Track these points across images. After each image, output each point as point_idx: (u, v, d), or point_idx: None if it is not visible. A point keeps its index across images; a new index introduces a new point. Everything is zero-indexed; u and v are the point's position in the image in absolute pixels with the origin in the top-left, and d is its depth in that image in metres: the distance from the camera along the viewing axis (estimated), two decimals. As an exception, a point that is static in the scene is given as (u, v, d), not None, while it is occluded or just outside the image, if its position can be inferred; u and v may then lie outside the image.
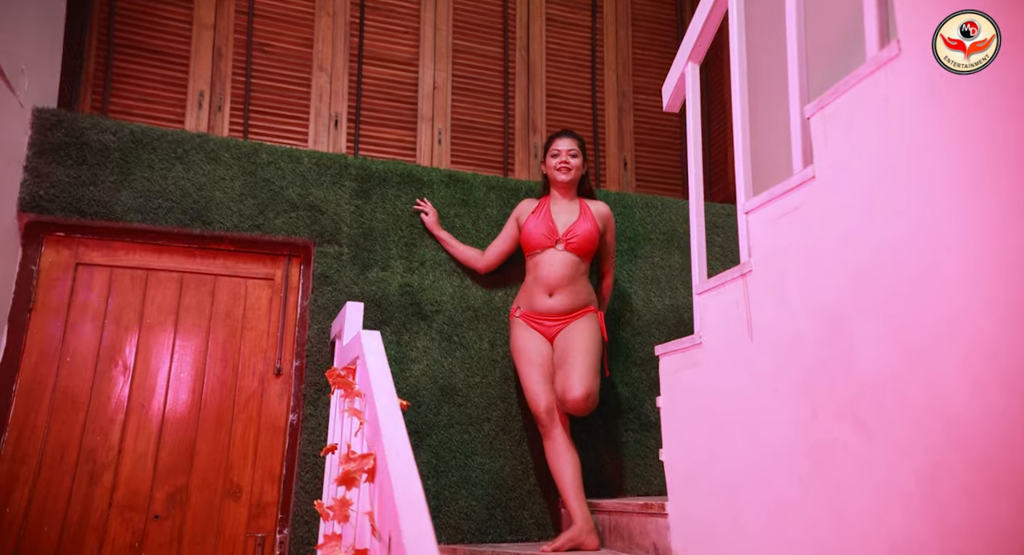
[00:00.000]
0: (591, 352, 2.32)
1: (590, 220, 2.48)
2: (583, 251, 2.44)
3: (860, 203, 1.29)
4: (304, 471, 2.37)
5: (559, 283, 2.41)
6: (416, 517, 1.10)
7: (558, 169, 2.52)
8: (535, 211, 2.53)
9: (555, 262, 2.43)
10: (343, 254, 2.56)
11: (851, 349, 1.29)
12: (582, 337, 2.35)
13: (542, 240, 2.45)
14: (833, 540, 1.31)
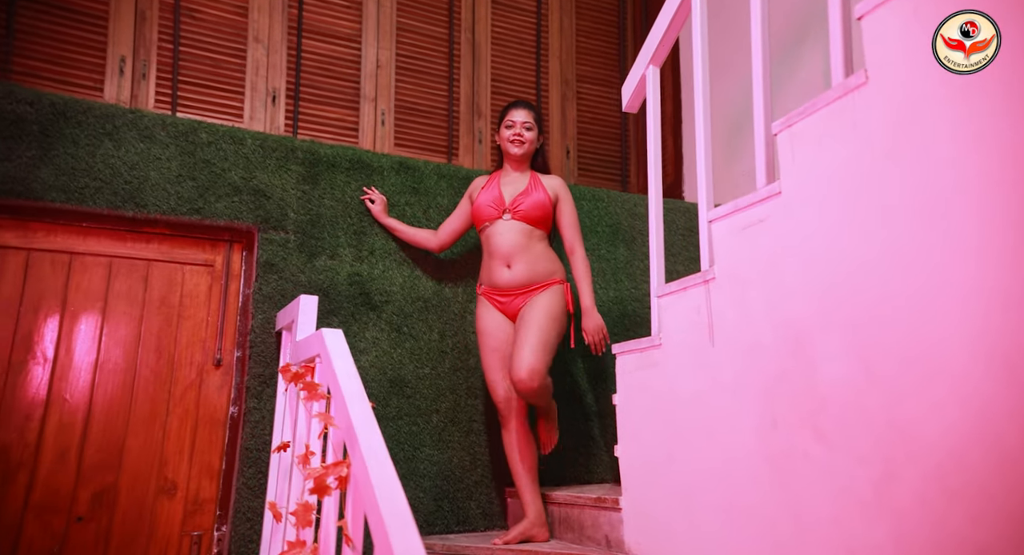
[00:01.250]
0: (544, 328, 2.24)
1: (540, 190, 2.41)
2: (532, 219, 2.36)
3: (826, 222, 1.35)
4: (247, 466, 2.30)
5: (512, 251, 2.35)
6: (404, 530, 1.09)
7: (511, 141, 2.46)
8: (485, 185, 2.49)
9: (505, 232, 2.37)
10: (289, 241, 2.47)
11: (813, 363, 1.36)
12: (536, 313, 2.27)
13: (489, 211, 2.39)
14: (791, 542, 1.39)
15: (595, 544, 2.04)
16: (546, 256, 2.38)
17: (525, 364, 2.17)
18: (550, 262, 2.38)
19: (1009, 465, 0.98)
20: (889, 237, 1.21)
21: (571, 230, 2.43)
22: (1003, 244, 1.01)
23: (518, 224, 2.37)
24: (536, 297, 2.32)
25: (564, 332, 2.34)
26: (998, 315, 1.01)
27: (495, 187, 2.45)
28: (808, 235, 1.39)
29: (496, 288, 2.38)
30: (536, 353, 2.19)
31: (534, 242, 2.37)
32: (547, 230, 2.42)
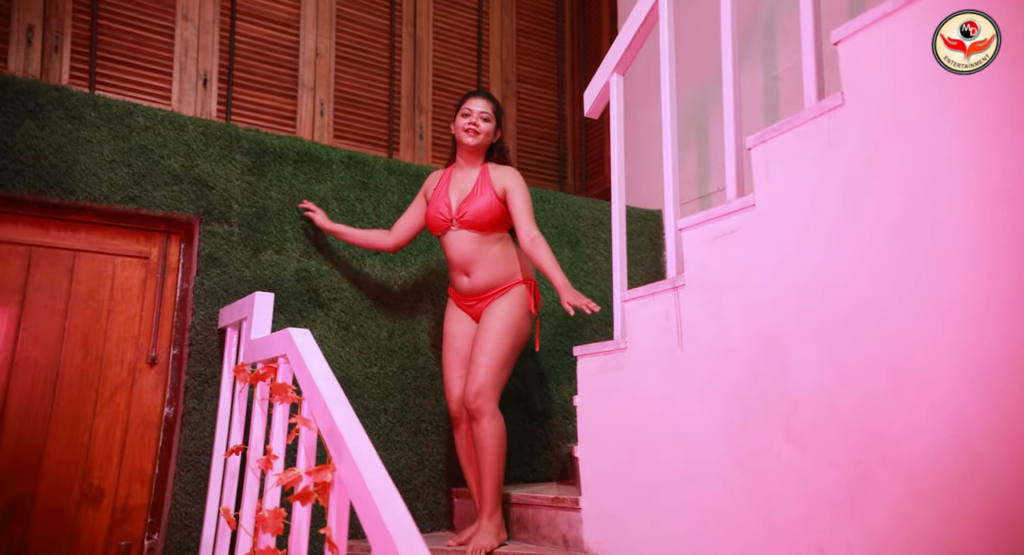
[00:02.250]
0: (500, 342, 2.19)
1: (487, 189, 2.27)
2: (481, 225, 2.25)
3: (800, 234, 1.43)
4: (185, 470, 2.18)
5: (467, 261, 2.27)
6: (409, 538, 1.08)
7: (466, 130, 2.30)
8: (438, 186, 2.37)
9: (456, 242, 2.28)
10: (233, 234, 2.36)
11: (786, 368, 1.44)
12: (494, 323, 2.21)
13: (439, 221, 2.30)
14: (760, 542, 1.46)
15: (551, 544, 2.07)
16: (505, 258, 2.30)
17: (472, 388, 2.15)
18: (509, 264, 2.31)
19: (979, 469, 1.08)
20: (861, 250, 1.30)
21: (523, 220, 2.23)
22: (978, 258, 1.11)
23: (467, 234, 2.27)
24: (496, 302, 2.26)
25: (526, 337, 2.30)
26: (971, 326, 1.11)
27: (443, 191, 2.34)
28: (782, 246, 1.46)
29: (459, 293, 2.35)
30: (488, 374, 2.16)
31: (488, 247, 2.29)
32: (503, 229, 2.33)
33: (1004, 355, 1.05)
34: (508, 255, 2.32)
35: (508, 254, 2.32)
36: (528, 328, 2.29)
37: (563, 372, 2.85)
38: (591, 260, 3.04)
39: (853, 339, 1.31)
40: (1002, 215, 1.07)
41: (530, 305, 2.30)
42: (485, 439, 2.14)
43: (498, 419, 2.15)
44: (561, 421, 2.80)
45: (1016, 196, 1.06)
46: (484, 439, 2.14)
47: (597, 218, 3.10)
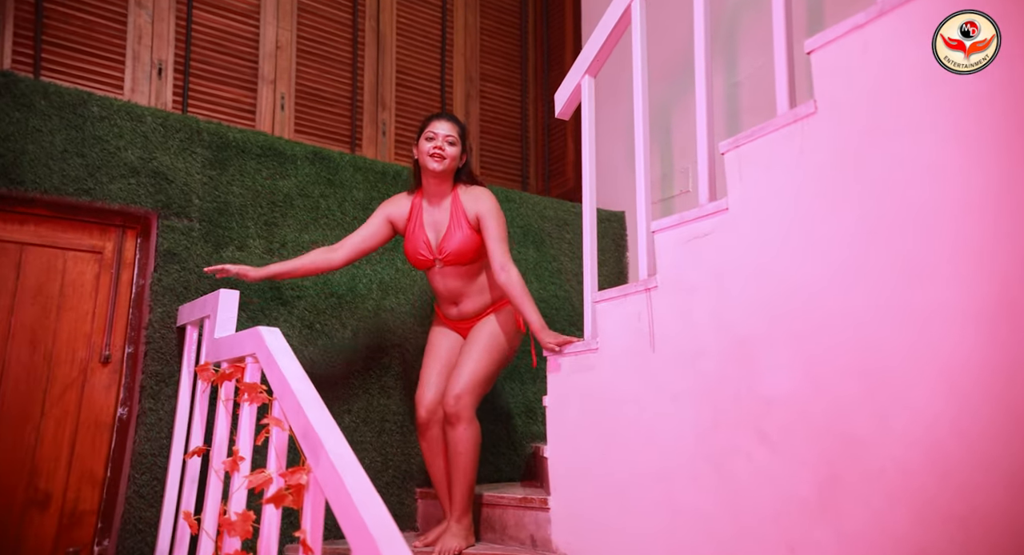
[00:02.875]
0: (486, 356, 2.16)
1: (462, 223, 2.19)
2: (465, 260, 2.20)
3: (773, 239, 1.46)
4: (139, 473, 2.10)
5: (455, 294, 2.25)
6: (392, 541, 1.06)
7: (431, 155, 2.17)
8: (409, 218, 2.25)
9: (442, 278, 2.24)
10: (193, 229, 2.29)
11: (756, 368, 1.47)
12: (483, 337, 2.19)
13: (421, 261, 2.23)
14: (730, 540, 1.49)
15: (519, 544, 2.07)
16: (493, 283, 2.26)
17: (453, 391, 2.11)
18: (494, 288, 2.27)
19: (950, 472, 1.12)
20: (836, 257, 1.34)
21: (495, 248, 2.15)
22: (953, 266, 1.15)
23: (452, 269, 2.22)
24: (486, 319, 2.24)
25: (512, 356, 2.27)
26: (945, 334, 1.15)
27: (418, 227, 2.23)
28: (755, 251, 1.49)
29: (448, 318, 2.32)
30: (471, 381, 2.12)
31: (475, 277, 2.25)
32: (482, 255, 2.26)
33: (977, 362, 1.10)
34: (492, 282, 2.28)
35: (492, 281, 2.28)
36: (514, 347, 2.27)
37: (527, 372, 2.85)
38: (555, 260, 3.05)
39: (826, 345, 1.34)
40: (977, 222, 1.12)
41: (519, 323, 2.25)
42: (460, 445, 2.09)
43: (475, 426, 2.12)
44: (525, 421, 2.80)
45: (1000, 201, 1.10)
46: (459, 444, 2.09)
47: (562, 219, 3.11)
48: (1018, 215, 1.06)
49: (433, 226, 2.24)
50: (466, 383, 2.12)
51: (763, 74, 2.71)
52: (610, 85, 3.21)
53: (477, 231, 2.20)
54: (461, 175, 2.28)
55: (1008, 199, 1.07)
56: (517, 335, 2.27)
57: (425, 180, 2.24)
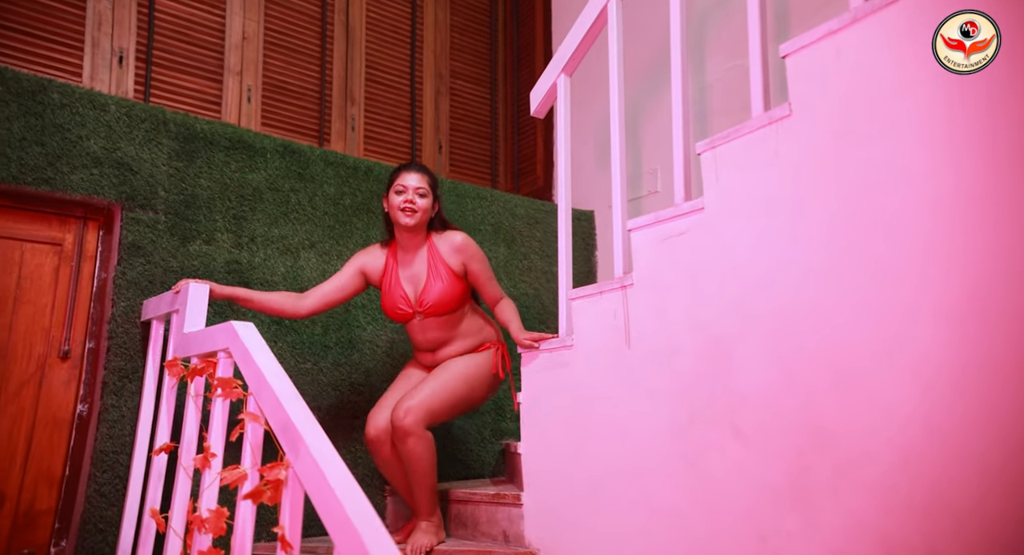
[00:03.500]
0: (450, 384, 2.10)
1: (440, 270, 2.15)
2: (446, 309, 2.16)
3: (748, 238, 1.50)
4: (100, 471, 2.04)
5: (435, 344, 2.22)
6: (377, 534, 1.06)
7: (402, 210, 2.13)
8: (384, 273, 2.21)
9: (422, 330, 2.20)
10: (159, 222, 2.23)
11: (731, 366, 1.50)
12: (451, 368, 2.15)
13: (400, 314, 2.19)
14: (704, 533, 1.52)
15: (491, 540, 2.07)
16: (473, 330, 2.24)
17: (404, 404, 2.02)
18: (478, 334, 2.24)
19: (916, 464, 1.16)
20: (809, 257, 1.37)
21: (487, 288, 2.20)
22: (922, 265, 1.20)
23: (433, 320, 2.18)
24: (462, 356, 2.21)
25: (479, 397, 2.18)
26: (916, 333, 1.19)
27: (395, 282, 2.19)
28: (730, 250, 1.53)
29: (422, 364, 2.28)
30: (426, 400, 2.04)
31: (455, 325, 2.21)
32: (468, 301, 2.25)
33: (949, 360, 1.14)
34: (475, 325, 2.25)
35: (475, 324, 2.25)
36: (484, 389, 2.19)
37: (497, 369, 2.86)
38: (526, 258, 3.06)
39: (800, 343, 1.38)
40: (946, 224, 1.16)
41: (495, 367, 2.20)
42: (413, 457, 2.02)
43: (427, 437, 2.03)
44: (495, 418, 2.81)
45: (970, 203, 1.15)
46: (411, 457, 2.02)
47: (532, 217, 3.13)
48: (986, 217, 1.11)
49: (411, 279, 2.20)
50: (420, 400, 2.04)
51: (732, 77, 2.76)
52: (579, 85, 3.24)
53: (459, 277, 2.18)
54: (434, 223, 2.24)
55: (978, 200, 1.12)
56: (491, 379, 2.20)
57: (398, 233, 2.21)
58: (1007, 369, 1.07)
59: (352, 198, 2.65)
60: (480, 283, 2.20)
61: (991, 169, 1.10)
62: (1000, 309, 1.08)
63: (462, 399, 2.13)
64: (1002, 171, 1.09)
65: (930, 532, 1.14)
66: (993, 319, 1.08)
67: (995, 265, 1.09)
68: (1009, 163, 1.08)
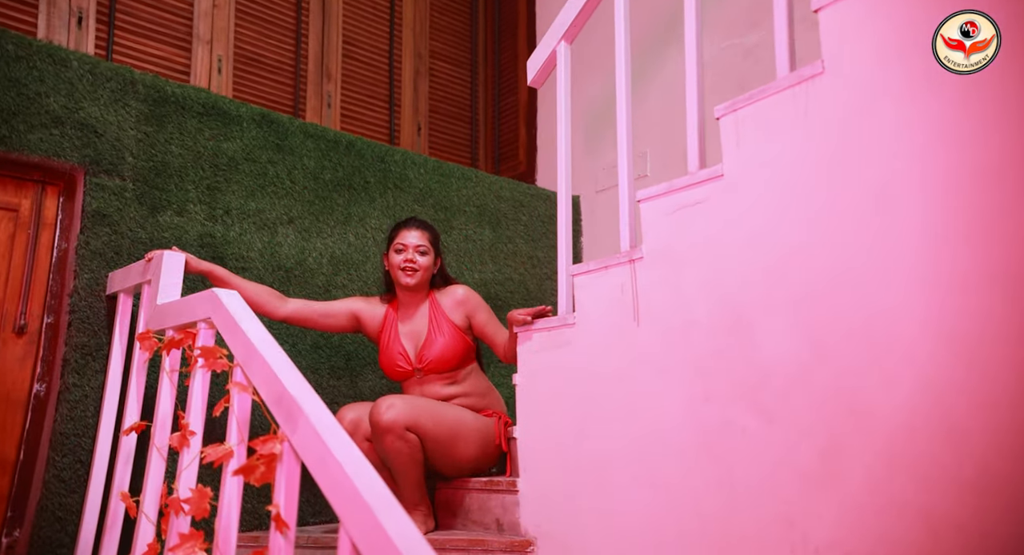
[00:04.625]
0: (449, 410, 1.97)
1: (444, 328, 2.07)
2: (447, 366, 2.06)
3: (771, 204, 1.43)
4: (60, 455, 1.88)
5: (443, 399, 2.08)
6: (391, 511, 0.95)
7: (403, 269, 2.07)
8: (383, 330, 2.12)
9: (420, 387, 2.08)
10: (126, 189, 2.07)
11: (754, 340, 1.43)
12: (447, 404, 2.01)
13: (400, 373, 2.10)
14: (722, 515, 1.44)
15: (483, 528, 1.97)
16: (477, 390, 2.10)
17: (389, 399, 1.87)
18: (482, 397, 2.11)
19: (963, 439, 1.10)
20: (839, 221, 1.31)
21: (498, 335, 2.09)
22: (961, 230, 1.14)
23: (435, 376, 2.07)
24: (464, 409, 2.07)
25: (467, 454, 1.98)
26: (954, 298, 1.13)
27: (393, 336, 2.10)
28: (752, 217, 1.45)
29: None
30: (411, 401, 1.90)
31: (456, 382, 2.09)
32: (471, 361, 2.14)
33: (986, 326, 1.08)
34: (479, 387, 2.13)
35: (479, 386, 2.13)
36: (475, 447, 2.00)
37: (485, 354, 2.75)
38: (511, 242, 2.97)
39: (829, 311, 1.31)
40: (990, 186, 1.11)
41: (497, 437, 2.04)
42: (391, 454, 1.89)
43: (407, 439, 1.87)
44: (478, 406, 2.70)
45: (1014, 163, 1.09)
46: (389, 454, 1.89)
47: (517, 200, 3.03)
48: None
49: (410, 336, 2.11)
50: (405, 399, 1.91)
51: (726, 56, 2.72)
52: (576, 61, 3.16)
53: (462, 333, 2.10)
54: (436, 279, 2.18)
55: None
56: (487, 444, 2.02)
57: (399, 291, 2.14)
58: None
59: (333, 173, 2.51)
60: (488, 333, 2.10)
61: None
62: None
63: (450, 432, 1.95)
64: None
65: (981, 509, 1.08)
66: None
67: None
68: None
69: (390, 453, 1.89)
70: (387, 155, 2.66)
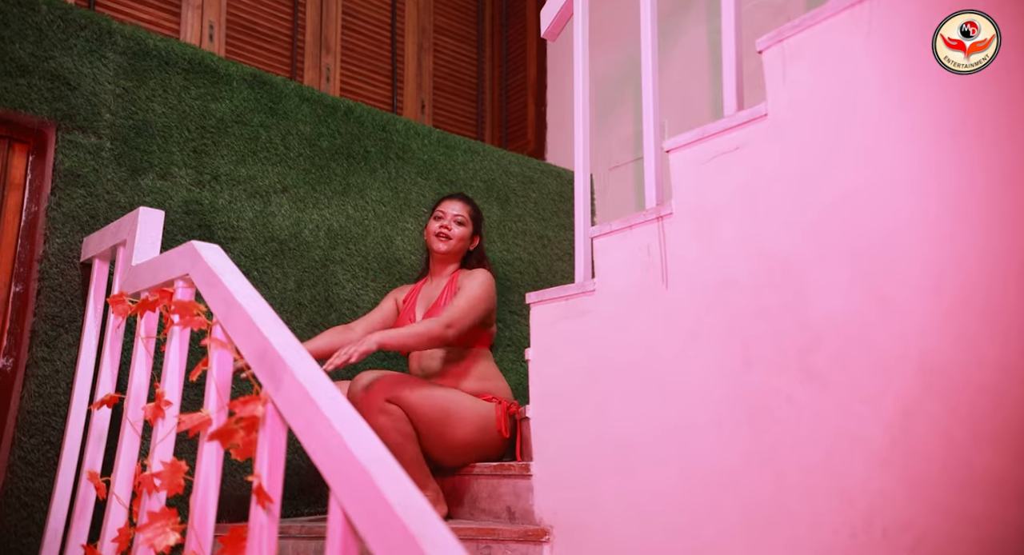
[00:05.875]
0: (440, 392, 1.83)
1: (452, 296, 1.99)
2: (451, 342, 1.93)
3: (826, 144, 1.26)
4: (27, 435, 1.70)
5: (429, 376, 1.98)
6: (392, 475, 0.78)
7: (437, 235, 2.06)
8: (407, 299, 2.11)
9: (418, 359, 2.01)
10: (103, 148, 1.90)
11: (804, 296, 1.26)
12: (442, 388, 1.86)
13: None
14: (763, 495, 1.27)
15: (493, 517, 1.79)
16: (478, 374, 1.96)
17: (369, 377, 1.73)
18: (481, 381, 1.96)
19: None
20: (906, 156, 1.14)
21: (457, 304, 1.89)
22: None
23: (436, 350, 1.97)
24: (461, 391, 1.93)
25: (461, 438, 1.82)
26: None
27: (412, 304, 2.07)
28: (802, 159, 1.29)
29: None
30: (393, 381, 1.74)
31: (456, 361, 1.97)
32: (478, 344, 2.00)
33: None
34: (482, 372, 1.98)
35: (482, 370, 1.98)
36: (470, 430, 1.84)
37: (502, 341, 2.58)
38: (520, 220, 2.80)
39: (893, 259, 1.14)
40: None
41: (498, 422, 1.89)
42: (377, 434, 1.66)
43: (390, 411, 1.73)
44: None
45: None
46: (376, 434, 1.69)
47: (527, 176, 2.86)
48: None
49: (424, 300, 2.08)
50: (388, 373, 1.77)
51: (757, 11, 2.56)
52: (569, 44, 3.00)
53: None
54: (471, 259, 2.15)
55: None
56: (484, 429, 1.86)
57: (432, 263, 2.14)
58: None
59: (330, 140, 2.35)
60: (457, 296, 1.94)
61: None
62: None
63: (441, 410, 1.79)
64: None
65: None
66: None
67: None
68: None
69: (373, 429, 1.71)
70: (389, 124, 2.50)
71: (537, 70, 3.51)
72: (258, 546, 0.96)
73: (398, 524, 0.73)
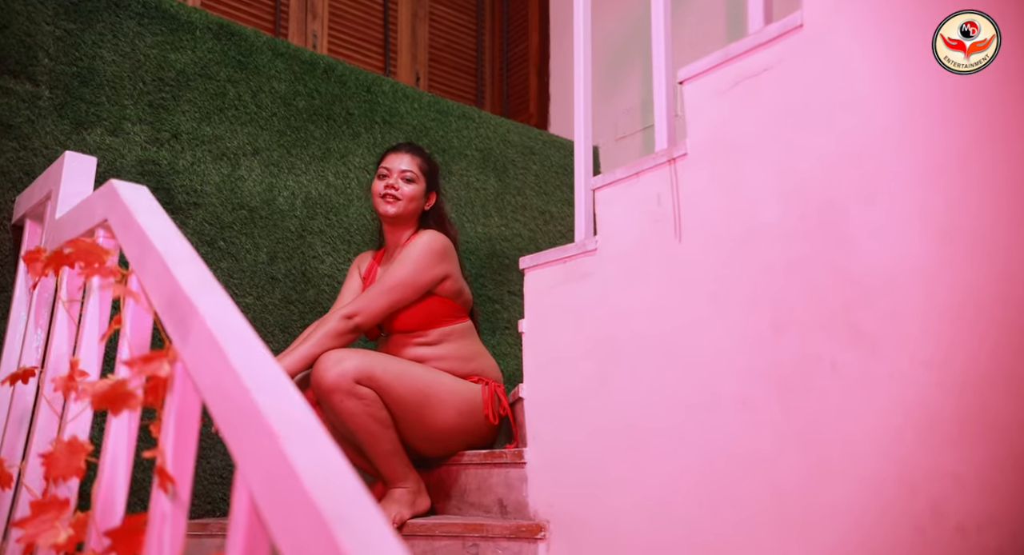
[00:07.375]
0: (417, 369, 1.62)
1: None
2: (411, 326, 1.69)
3: (879, 58, 1.04)
4: (-47, 423, 1.50)
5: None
6: (309, 442, 0.57)
7: (382, 196, 1.73)
8: (366, 278, 1.81)
9: (387, 349, 1.73)
10: (41, 97, 1.70)
11: (849, 241, 1.04)
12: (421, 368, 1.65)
13: (369, 332, 1.75)
14: (796, 479, 1.05)
15: (482, 511, 1.58)
16: (457, 355, 1.71)
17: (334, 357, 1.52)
18: (463, 362, 1.71)
19: None
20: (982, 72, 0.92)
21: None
22: None
23: (400, 338, 1.70)
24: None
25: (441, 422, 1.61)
26: None
27: (371, 280, 1.78)
28: (845, 77, 1.07)
29: None
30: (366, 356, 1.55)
31: (430, 346, 1.70)
32: (445, 321, 1.72)
33: None
34: (462, 352, 1.73)
35: (462, 350, 1.73)
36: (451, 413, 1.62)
37: (490, 316, 2.37)
38: (520, 193, 2.58)
39: (966, 187, 0.92)
40: None
41: (486, 405, 1.67)
42: (345, 416, 1.52)
43: (360, 395, 1.51)
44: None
45: None
46: (343, 416, 1.52)
47: (527, 146, 2.65)
48: None
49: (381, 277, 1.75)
50: (362, 356, 1.55)
51: None
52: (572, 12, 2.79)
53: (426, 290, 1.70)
54: (429, 220, 1.80)
55: None
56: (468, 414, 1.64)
57: (385, 232, 1.80)
58: None
59: (308, 100, 2.14)
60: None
61: None
62: None
63: (419, 392, 1.58)
64: None
65: None
66: None
67: None
68: None
69: (342, 416, 1.51)
70: (374, 84, 2.29)
71: (539, 39, 3.29)
72: (158, 541, 0.74)
73: (308, 503, 0.51)
